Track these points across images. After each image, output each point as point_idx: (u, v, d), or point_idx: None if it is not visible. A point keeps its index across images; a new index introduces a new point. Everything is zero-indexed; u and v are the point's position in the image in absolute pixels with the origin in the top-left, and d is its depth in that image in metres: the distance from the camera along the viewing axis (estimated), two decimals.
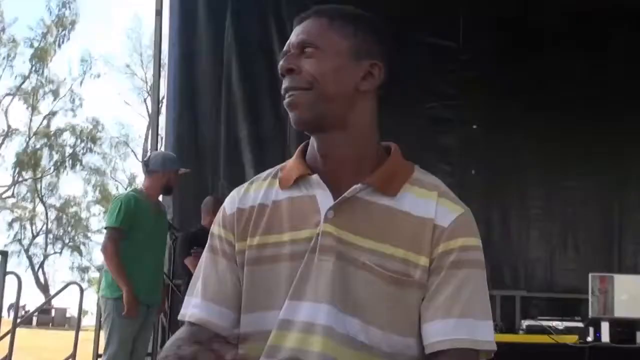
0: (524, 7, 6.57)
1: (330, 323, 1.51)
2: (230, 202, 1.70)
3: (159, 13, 7.43)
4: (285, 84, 1.57)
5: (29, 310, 20.77)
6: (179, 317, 1.70)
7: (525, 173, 6.76)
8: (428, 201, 1.58)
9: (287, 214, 1.61)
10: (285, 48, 1.61)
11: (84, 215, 37.54)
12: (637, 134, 6.45)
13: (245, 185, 1.72)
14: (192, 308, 1.66)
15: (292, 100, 1.56)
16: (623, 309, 5.59)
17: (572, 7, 6.47)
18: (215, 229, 1.70)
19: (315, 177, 1.60)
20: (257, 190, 1.68)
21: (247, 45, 7.03)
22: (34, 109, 36.39)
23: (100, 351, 5.71)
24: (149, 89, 32.71)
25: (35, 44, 35.68)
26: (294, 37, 1.59)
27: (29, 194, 36.90)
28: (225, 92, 7.01)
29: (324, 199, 1.58)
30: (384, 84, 1.61)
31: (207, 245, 1.71)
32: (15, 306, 7.33)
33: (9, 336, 6.11)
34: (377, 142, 1.65)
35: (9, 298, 6.54)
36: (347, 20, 1.60)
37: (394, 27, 1.71)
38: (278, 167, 1.71)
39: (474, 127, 6.77)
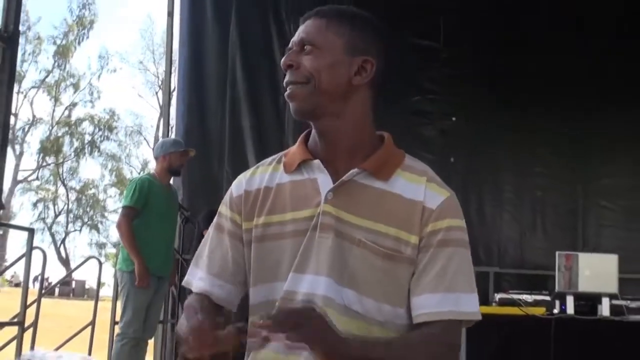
0: (499, 10, 6.54)
1: (329, 294, 1.52)
2: (237, 185, 1.70)
3: (170, 14, 7.41)
4: (286, 78, 1.59)
5: (52, 282, 20.83)
6: (184, 284, 1.72)
7: (498, 161, 6.75)
8: (417, 185, 1.58)
9: (290, 195, 1.62)
10: (289, 45, 1.61)
11: (101, 196, 37.56)
12: (599, 127, 6.46)
13: (252, 169, 1.72)
14: (197, 280, 1.67)
15: (291, 93, 1.57)
16: (586, 284, 5.61)
17: (544, 9, 6.47)
18: (223, 209, 1.70)
19: (316, 162, 1.60)
20: (262, 174, 1.68)
21: (250, 45, 7.00)
22: (56, 100, 36.32)
23: (117, 319, 5.70)
24: (160, 83, 32.82)
25: (58, 42, 35.65)
26: (296, 36, 1.61)
27: (51, 177, 36.82)
28: (229, 87, 6.99)
29: (324, 182, 1.58)
30: (376, 78, 1.60)
31: (214, 223, 1.72)
32: (41, 278, 7.33)
33: (34, 305, 6.09)
34: (371, 131, 1.65)
35: (35, 271, 6.51)
36: (344, 19, 1.59)
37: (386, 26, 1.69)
38: (282, 153, 1.71)
39: (453, 119, 6.76)
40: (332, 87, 1.56)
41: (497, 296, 5.74)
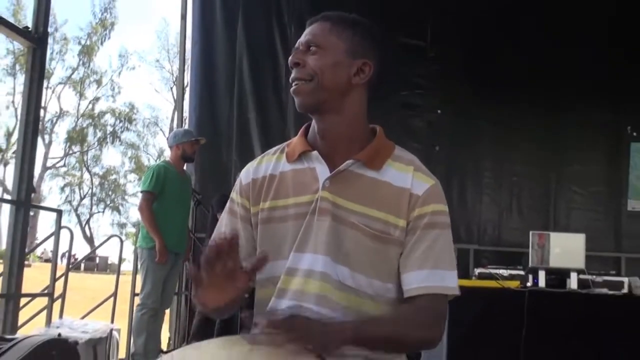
0: (482, 14, 6.53)
1: (326, 270, 1.53)
2: (246, 174, 1.71)
3: (183, 17, 7.40)
4: (292, 75, 1.59)
5: (78, 258, 20.82)
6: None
7: (479, 150, 6.76)
8: (406, 174, 1.60)
9: (292, 182, 1.63)
10: (296, 45, 1.62)
11: (121, 181, 37.49)
12: (569, 121, 6.47)
13: (258, 159, 1.73)
14: None
15: (297, 89, 1.58)
16: (556, 260, 5.62)
17: (522, 16, 6.46)
18: (234, 195, 1.72)
19: (315, 153, 1.62)
20: (267, 163, 1.69)
21: (255, 45, 6.99)
22: (81, 95, 36.20)
23: (137, 291, 5.72)
24: (174, 79, 32.54)
25: (82, 42, 35.44)
26: (303, 37, 1.61)
27: (77, 164, 36.77)
28: (237, 83, 6.99)
29: (322, 171, 1.60)
30: (373, 79, 1.62)
31: (226, 208, 1.73)
32: (68, 255, 7.32)
33: (62, 279, 6.11)
34: (365, 125, 1.66)
35: (63, 248, 6.51)
36: (346, 25, 1.60)
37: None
38: (284, 144, 1.72)
39: (439, 112, 6.77)
40: (333, 85, 1.57)
41: (477, 271, 5.76)
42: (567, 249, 5.64)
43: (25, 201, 5.05)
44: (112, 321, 6.49)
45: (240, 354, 1.35)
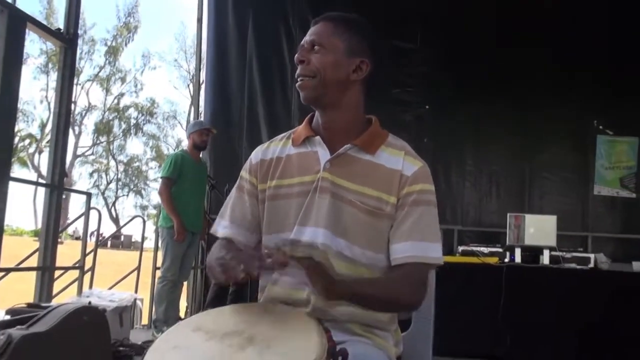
0: (466, 20, 6.50)
1: (326, 242, 1.54)
2: (255, 155, 1.72)
3: (199, 21, 7.35)
4: (298, 71, 1.58)
5: (105, 236, 20.82)
6: (211, 232, 1.73)
7: (462, 141, 6.73)
8: (397, 158, 1.60)
9: (297, 163, 1.63)
10: (301, 43, 1.61)
11: (144, 168, 37.51)
12: (542, 115, 6.42)
13: (267, 143, 1.74)
14: (222, 228, 1.69)
15: (302, 84, 1.57)
16: (530, 239, 5.63)
17: (500, 22, 6.42)
18: (243, 173, 1.72)
19: (317, 138, 1.62)
20: (275, 147, 1.70)
21: (264, 46, 6.95)
22: (107, 91, 36.17)
23: (158, 265, 5.73)
24: (191, 77, 32.48)
25: (109, 43, 35.41)
26: (308, 36, 1.60)
27: (104, 153, 36.77)
28: (247, 80, 6.95)
29: (323, 154, 1.61)
30: (368, 76, 1.61)
31: (236, 184, 1.73)
32: (96, 233, 7.38)
33: (92, 254, 6.13)
34: (362, 116, 1.66)
35: (91, 227, 6.53)
36: (347, 26, 1.60)
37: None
38: (291, 131, 1.73)
39: (426, 107, 6.74)
40: (334, 81, 1.57)
41: (460, 248, 5.78)
42: (540, 229, 5.65)
43: (58, 185, 5.05)
44: (136, 291, 6.53)
45: (250, 318, 1.35)
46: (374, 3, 6.24)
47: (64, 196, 6.16)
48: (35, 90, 38.73)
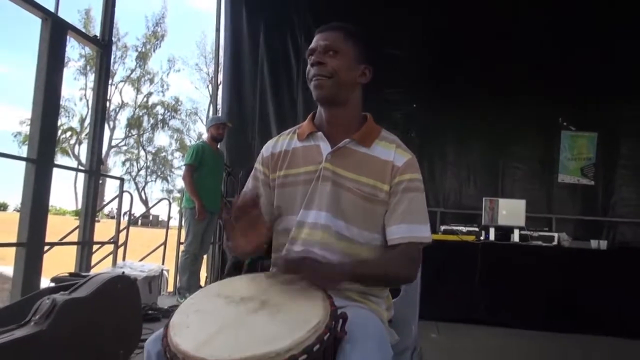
0: (449, 29, 6.45)
1: (327, 223, 1.53)
2: (266, 149, 1.71)
3: (217, 30, 7.31)
4: (313, 71, 1.55)
5: (136, 216, 20.87)
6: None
7: (445, 135, 6.71)
8: (389, 150, 1.59)
9: (302, 155, 1.62)
10: (313, 46, 1.58)
11: (169, 158, 37.43)
12: (513, 113, 6.40)
13: (276, 137, 1.73)
14: None
15: (319, 83, 1.55)
16: (503, 220, 5.65)
17: (481, 29, 6.39)
18: (257, 165, 1.71)
19: (320, 133, 1.62)
20: (283, 141, 1.69)
21: (273, 53, 6.92)
22: (137, 90, 36.05)
23: (181, 241, 5.74)
24: (210, 79, 32.54)
25: (139, 49, 35.29)
26: (321, 41, 1.57)
27: (135, 144, 36.71)
28: (259, 82, 6.93)
29: (325, 147, 1.60)
30: (370, 80, 1.61)
31: (251, 174, 1.72)
32: (129, 213, 7.39)
33: (124, 231, 6.14)
34: (360, 114, 1.66)
35: (124, 208, 6.54)
36: (355, 35, 1.59)
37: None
38: (296, 127, 1.72)
39: (414, 106, 6.71)
40: (346, 83, 1.56)
41: (442, 228, 5.79)
42: (511, 211, 5.66)
43: (95, 171, 5.04)
44: (163, 263, 6.54)
45: (263, 286, 1.35)
46: (368, 15, 6.22)
47: (100, 181, 6.16)
48: (75, 89, 38.56)
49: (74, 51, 32.19)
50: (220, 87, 7.31)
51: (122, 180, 6.14)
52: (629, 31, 6.20)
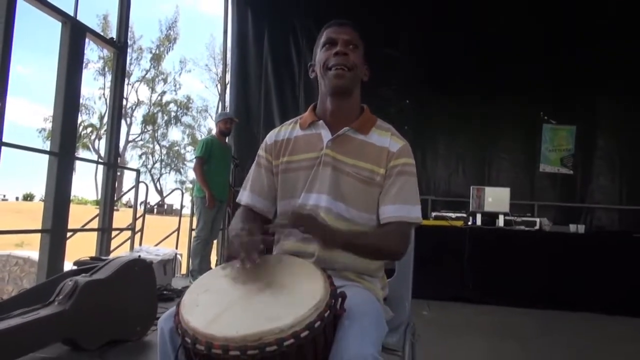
0: (440, 29, 6.41)
1: (328, 205, 1.53)
2: (270, 137, 1.70)
3: (225, 33, 7.26)
4: (336, 60, 1.53)
5: (151, 204, 20.90)
6: (237, 200, 1.70)
7: (436, 129, 6.69)
8: (385, 137, 1.59)
9: (304, 143, 1.61)
10: (334, 37, 1.56)
11: (182, 151, 37.44)
12: (499, 109, 6.37)
13: (279, 127, 1.72)
14: (245, 197, 1.67)
15: (340, 73, 1.54)
16: (489, 206, 5.63)
17: (473, 31, 6.34)
18: (260, 152, 1.70)
19: (321, 122, 1.61)
20: (285, 130, 1.68)
21: (277, 53, 6.89)
22: (152, 89, 35.97)
23: (193, 227, 5.74)
24: (219, 78, 32.43)
25: (153, 51, 35.17)
26: (343, 34, 1.56)
27: (150, 139, 36.67)
28: (264, 81, 6.90)
29: (326, 135, 1.59)
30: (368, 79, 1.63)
31: (254, 162, 1.71)
32: (145, 202, 7.38)
33: (141, 218, 6.14)
34: (359, 105, 1.65)
35: (141, 197, 6.53)
36: (362, 35, 1.60)
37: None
38: (297, 117, 1.71)
39: (407, 101, 6.68)
40: (358, 77, 1.58)
41: (433, 214, 5.78)
42: (497, 199, 5.64)
43: (113, 163, 5.03)
44: (176, 248, 6.54)
45: (267, 267, 1.34)
46: (365, 16, 6.17)
47: (118, 173, 6.15)
48: (95, 88, 38.64)
49: (94, 53, 32.18)
50: (228, 85, 7.28)
51: (138, 172, 6.13)
52: (609, 31, 6.15)
